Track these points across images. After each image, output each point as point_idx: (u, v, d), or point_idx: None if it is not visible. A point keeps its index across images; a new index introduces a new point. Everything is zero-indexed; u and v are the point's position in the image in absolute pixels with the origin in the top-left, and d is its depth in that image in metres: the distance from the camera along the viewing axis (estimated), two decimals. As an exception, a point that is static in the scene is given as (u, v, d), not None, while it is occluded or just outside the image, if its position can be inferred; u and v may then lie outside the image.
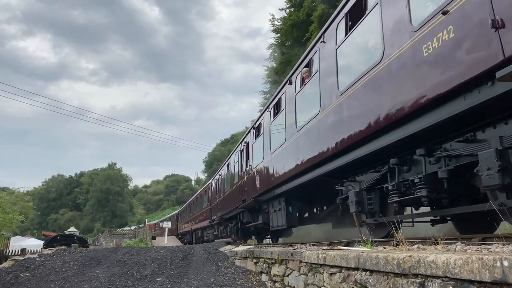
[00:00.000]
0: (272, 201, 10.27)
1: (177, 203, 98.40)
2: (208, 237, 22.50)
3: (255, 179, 11.06)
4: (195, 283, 6.75)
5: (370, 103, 5.00)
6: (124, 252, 9.60)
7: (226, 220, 16.84)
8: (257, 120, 11.86)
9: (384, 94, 4.69)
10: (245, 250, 7.98)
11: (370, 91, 5.03)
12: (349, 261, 3.75)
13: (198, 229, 25.94)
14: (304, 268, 5.02)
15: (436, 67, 3.80)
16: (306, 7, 26.62)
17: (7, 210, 31.21)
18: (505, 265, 2.05)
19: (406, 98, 4.26)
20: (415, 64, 4.11)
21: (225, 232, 17.51)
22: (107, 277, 7.22)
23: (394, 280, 3.02)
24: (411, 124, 4.35)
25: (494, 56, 3.16)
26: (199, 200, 25.26)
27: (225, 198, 16.34)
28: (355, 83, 5.38)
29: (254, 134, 11.99)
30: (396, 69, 4.44)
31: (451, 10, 3.58)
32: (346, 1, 5.92)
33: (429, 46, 3.88)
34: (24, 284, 7.12)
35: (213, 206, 19.61)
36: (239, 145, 14.27)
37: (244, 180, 12.62)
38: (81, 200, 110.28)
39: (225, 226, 17.34)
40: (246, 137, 13.24)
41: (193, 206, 28.41)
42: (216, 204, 18.70)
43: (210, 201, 20.73)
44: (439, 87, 3.75)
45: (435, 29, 3.81)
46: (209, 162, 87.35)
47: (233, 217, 15.16)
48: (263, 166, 10.39)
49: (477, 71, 3.34)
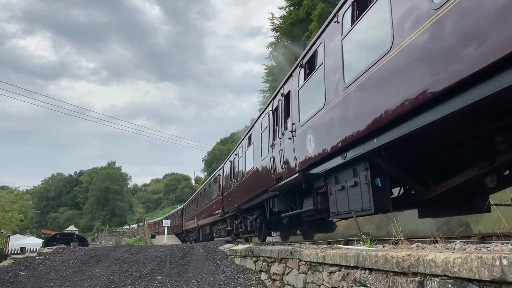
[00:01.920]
0: (338, 173, 6.51)
1: (176, 202, 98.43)
2: (219, 233, 18.96)
3: (306, 141, 7.32)
4: (194, 282, 6.75)
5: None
6: (124, 251, 9.60)
7: (245, 211, 13.50)
8: (306, 53, 7.83)
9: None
10: (244, 248, 7.99)
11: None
12: (348, 259, 3.75)
13: (206, 224, 22.33)
14: (304, 267, 5.02)
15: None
16: (306, 6, 26.58)
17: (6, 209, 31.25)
18: (504, 264, 2.05)
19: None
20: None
21: (243, 226, 13.96)
22: (107, 276, 7.22)
23: (393, 279, 3.02)
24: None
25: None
26: (208, 191, 21.74)
27: (245, 182, 12.59)
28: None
29: (303, 74, 7.86)
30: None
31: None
32: None
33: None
34: (23, 282, 7.12)
35: (226, 195, 16.04)
36: (270, 104, 10.32)
37: (281, 150, 8.88)
38: (81, 199, 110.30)
39: (243, 219, 13.99)
40: (284, 87, 9.19)
41: (200, 198, 24.66)
42: (231, 192, 14.88)
43: (221, 189, 17.36)
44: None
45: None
46: (208, 161, 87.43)
47: (256, 206, 11.86)
48: (327, 116, 6.44)
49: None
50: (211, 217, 19.75)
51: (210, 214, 20.01)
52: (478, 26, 3.36)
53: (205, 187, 23.42)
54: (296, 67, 8.43)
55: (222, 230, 17.99)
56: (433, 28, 3.93)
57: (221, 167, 18.61)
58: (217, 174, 19.20)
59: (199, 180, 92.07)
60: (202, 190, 24.65)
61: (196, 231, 26.11)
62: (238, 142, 14.95)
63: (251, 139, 12.46)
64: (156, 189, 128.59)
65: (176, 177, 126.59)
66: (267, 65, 35.53)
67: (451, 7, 3.68)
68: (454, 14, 3.65)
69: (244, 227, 13.68)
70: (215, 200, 18.86)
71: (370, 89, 5.15)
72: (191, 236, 28.87)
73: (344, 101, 5.87)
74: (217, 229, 19.60)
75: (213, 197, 19.68)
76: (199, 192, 25.90)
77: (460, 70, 3.56)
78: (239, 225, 14.54)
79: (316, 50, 7.36)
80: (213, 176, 20.84)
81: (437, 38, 3.87)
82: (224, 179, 16.93)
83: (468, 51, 3.47)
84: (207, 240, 19.63)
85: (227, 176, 16.17)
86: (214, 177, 20.21)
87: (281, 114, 9.23)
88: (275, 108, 9.73)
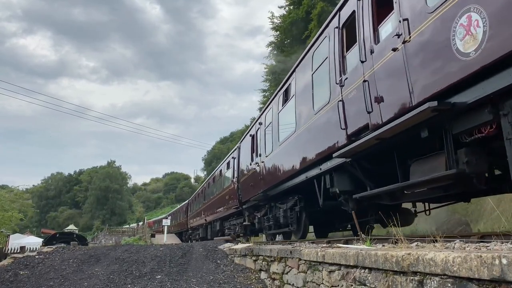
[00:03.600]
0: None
1: (176, 201, 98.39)
2: (232, 229, 15.51)
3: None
4: (194, 281, 6.76)
5: None
6: (123, 250, 9.60)
7: (273, 199, 10.16)
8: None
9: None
10: (244, 248, 7.99)
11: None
12: (348, 259, 3.76)
13: (215, 220, 18.96)
14: (303, 266, 5.02)
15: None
16: (306, 5, 26.57)
17: (6, 208, 31.25)
18: (504, 263, 2.05)
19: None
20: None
21: (270, 220, 10.34)
22: (106, 275, 7.22)
23: (393, 278, 3.02)
24: None
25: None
26: (218, 181, 18.31)
27: (279, 157, 9.20)
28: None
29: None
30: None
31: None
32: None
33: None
34: (23, 281, 7.12)
35: (244, 181, 12.77)
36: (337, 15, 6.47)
37: (365, 81, 5.28)
38: (80, 198, 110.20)
39: (270, 209, 10.52)
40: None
41: (207, 190, 21.18)
42: (253, 175, 11.47)
43: (237, 175, 13.93)
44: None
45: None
46: (208, 160, 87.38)
47: (295, 189, 8.64)
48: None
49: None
50: (223, 211, 16.57)
51: (221, 207, 16.72)
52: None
53: (214, 176, 19.93)
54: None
55: (238, 226, 14.43)
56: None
57: (235, 148, 15.15)
58: (230, 158, 15.65)
59: (199, 179, 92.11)
60: (210, 179, 21.01)
61: (204, 228, 22.83)
62: (264, 108, 11.37)
63: (289, 91, 8.88)
64: (155, 188, 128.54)
65: (176, 176, 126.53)
66: (266, 64, 35.56)
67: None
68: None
69: (273, 220, 10.08)
70: (227, 190, 15.57)
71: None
72: (197, 234, 25.51)
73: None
74: (230, 225, 16.18)
75: (225, 186, 16.29)
76: (207, 182, 22.33)
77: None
78: (262, 218, 11.00)
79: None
80: (225, 161, 17.05)
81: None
82: (242, 160, 13.39)
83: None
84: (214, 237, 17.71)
85: (246, 156, 12.71)
86: (226, 162, 16.47)
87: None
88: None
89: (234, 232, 15.08)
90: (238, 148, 14.40)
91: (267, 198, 10.47)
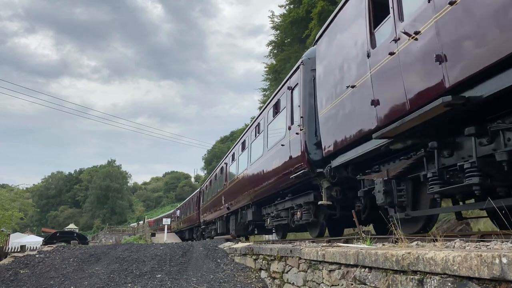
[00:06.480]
0: None
1: (176, 200, 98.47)
2: (293, 219, 8.77)
3: None
4: (194, 280, 6.76)
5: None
6: (124, 249, 9.60)
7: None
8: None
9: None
10: (244, 247, 8.00)
11: None
12: (348, 258, 3.76)
13: (247, 205, 12.68)
14: (303, 265, 5.02)
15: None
16: (306, 4, 26.55)
17: (6, 207, 31.27)
18: (504, 262, 2.05)
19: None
20: None
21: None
22: (107, 274, 7.23)
23: (393, 277, 3.02)
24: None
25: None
26: (255, 141, 11.83)
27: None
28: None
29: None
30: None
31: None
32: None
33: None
34: (23, 280, 7.13)
35: (325, 116, 6.70)
36: None
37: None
38: (81, 197, 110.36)
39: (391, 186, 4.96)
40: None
41: (231, 166, 15.18)
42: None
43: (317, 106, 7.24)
44: None
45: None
46: (208, 159, 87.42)
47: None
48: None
49: None
50: (265, 186, 10.14)
51: (261, 183, 10.41)
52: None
53: (245, 137, 13.19)
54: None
55: (300, 211, 8.17)
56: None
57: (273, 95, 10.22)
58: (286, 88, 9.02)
59: (199, 178, 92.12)
60: (239, 144, 14.18)
61: (223, 221, 16.65)
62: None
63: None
64: (156, 187, 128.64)
65: (176, 176, 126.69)
66: (267, 63, 35.56)
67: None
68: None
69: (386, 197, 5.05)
70: (279, 148, 8.95)
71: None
72: (212, 230, 19.66)
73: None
74: (276, 210, 9.92)
75: (270, 144, 9.96)
76: (230, 153, 15.74)
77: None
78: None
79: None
80: (257, 118, 11.67)
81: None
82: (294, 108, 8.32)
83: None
84: (246, 234, 13.86)
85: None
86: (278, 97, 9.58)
87: None
88: None
89: (298, 220, 8.34)
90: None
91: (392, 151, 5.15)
